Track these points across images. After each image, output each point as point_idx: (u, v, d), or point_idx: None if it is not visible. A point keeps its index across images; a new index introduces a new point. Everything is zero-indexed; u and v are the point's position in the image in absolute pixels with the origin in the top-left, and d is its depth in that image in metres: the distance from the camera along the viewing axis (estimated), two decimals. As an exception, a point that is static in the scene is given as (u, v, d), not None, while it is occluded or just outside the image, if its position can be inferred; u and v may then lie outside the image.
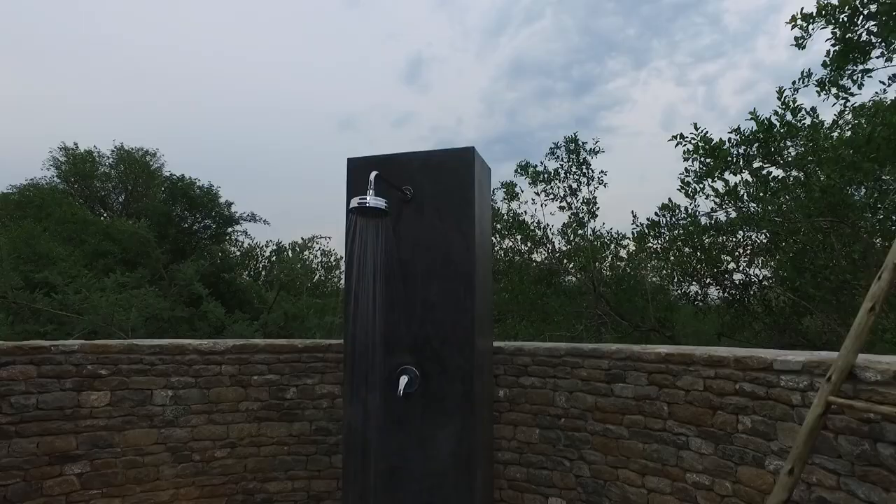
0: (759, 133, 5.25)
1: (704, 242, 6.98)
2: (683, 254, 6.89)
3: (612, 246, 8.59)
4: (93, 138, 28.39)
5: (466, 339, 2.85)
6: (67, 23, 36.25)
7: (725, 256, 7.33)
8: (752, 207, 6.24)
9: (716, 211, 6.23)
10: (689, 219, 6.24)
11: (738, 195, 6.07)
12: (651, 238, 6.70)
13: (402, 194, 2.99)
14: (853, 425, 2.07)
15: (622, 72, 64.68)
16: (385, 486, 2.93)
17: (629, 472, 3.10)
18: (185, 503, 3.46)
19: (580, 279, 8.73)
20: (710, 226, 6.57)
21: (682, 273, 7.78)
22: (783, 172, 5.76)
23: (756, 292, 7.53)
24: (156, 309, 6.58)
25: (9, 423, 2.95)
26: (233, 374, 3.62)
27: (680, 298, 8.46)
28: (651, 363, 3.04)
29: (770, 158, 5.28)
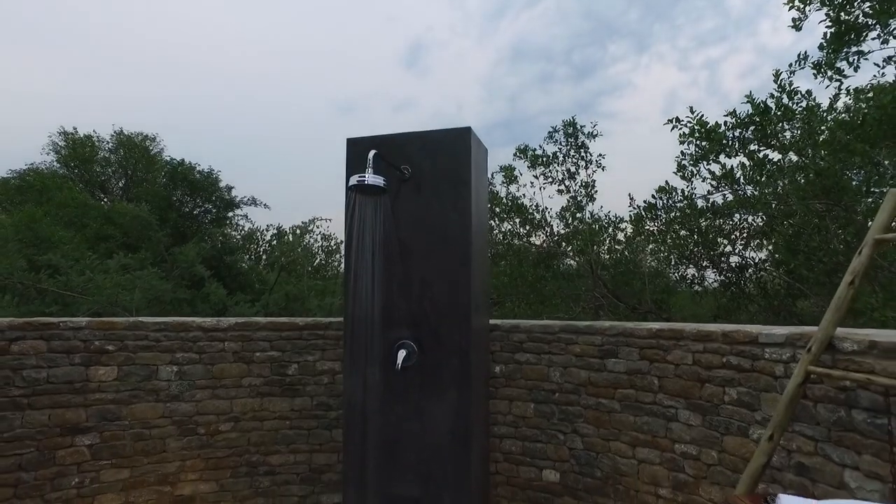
0: (755, 116, 5.29)
1: (701, 225, 7.05)
2: (680, 237, 6.95)
3: (610, 229, 8.66)
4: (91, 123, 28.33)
5: (463, 314, 2.93)
6: (63, 6, 35.93)
7: (722, 239, 7.40)
8: (749, 190, 6.30)
9: (712, 194, 6.28)
10: (685, 201, 6.30)
11: (735, 178, 6.12)
12: (648, 220, 6.76)
13: (401, 174, 3.05)
14: (831, 394, 2.16)
15: (624, 56, 64.17)
16: (384, 458, 3.04)
17: (620, 444, 3.21)
18: (190, 474, 3.57)
19: (578, 262, 8.80)
20: (707, 209, 6.63)
21: (679, 256, 7.86)
22: (780, 155, 5.82)
23: (752, 275, 7.62)
24: (158, 290, 6.67)
25: (22, 395, 3.05)
26: (236, 351, 3.71)
27: (678, 282, 8.55)
28: (642, 339, 3.13)
29: (765, 142, 5.32)
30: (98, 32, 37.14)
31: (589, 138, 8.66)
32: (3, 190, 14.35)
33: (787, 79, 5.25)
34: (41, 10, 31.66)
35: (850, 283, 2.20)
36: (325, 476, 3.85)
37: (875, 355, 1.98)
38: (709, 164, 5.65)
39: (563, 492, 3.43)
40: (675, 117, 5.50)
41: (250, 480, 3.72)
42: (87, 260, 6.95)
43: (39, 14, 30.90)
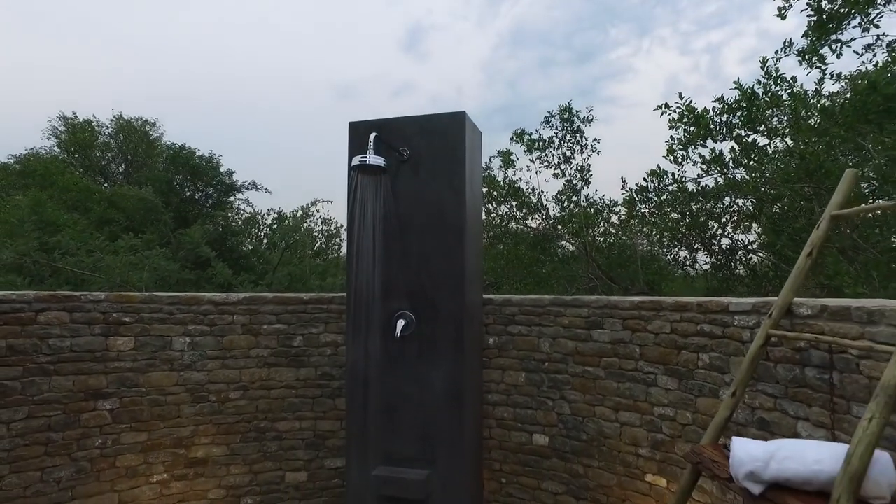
0: (742, 102, 5.47)
1: (692, 208, 7.25)
2: (671, 219, 7.16)
3: (604, 212, 8.86)
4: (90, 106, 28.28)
5: (457, 286, 3.15)
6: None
7: (713, 222, 7.61)
8: (739, 174, 6.50)
9: (702, 177, 6.48)
10: (675, 185, 6.49)
11: (724, 162, 6.31)
12: (639, 203, 6.96)
13: (400, 155, 3.25)
14: (788, 355, 2.38)
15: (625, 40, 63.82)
16: (384, 419, 3.28)
17: (604, 409, 3.45)
18: (203, 439, 3.82)
19: (573, 244, 9.02)
20: (697, 192, 6.82)
21: (671, 238, 8.07)
22: (767, 140, 6.01)
23: (741, 257, 7.85)
24: (165, 271, 6.89)
25: (48, 362, 3.28)
26: (244, 324, 3.94)
27: (670, 264, 8.77)
28: (626, 310, 3.36)
29: (752, 127, 5.51)
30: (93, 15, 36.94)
31: (584, 123, 8.82)
32: (4, 175, 14.48)
33: (774, 65, 5.43)
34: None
35: (808, 255, 2.42)
36: (328, 442, 4.10)
37: (825, 318, 2.20)
38: (695, 148, 5.83)
39: (552, 454, 3.68)
40: (665, 103, 5.68)
41: (259, 445, 3.97)
42: (97, 241, 7.16)
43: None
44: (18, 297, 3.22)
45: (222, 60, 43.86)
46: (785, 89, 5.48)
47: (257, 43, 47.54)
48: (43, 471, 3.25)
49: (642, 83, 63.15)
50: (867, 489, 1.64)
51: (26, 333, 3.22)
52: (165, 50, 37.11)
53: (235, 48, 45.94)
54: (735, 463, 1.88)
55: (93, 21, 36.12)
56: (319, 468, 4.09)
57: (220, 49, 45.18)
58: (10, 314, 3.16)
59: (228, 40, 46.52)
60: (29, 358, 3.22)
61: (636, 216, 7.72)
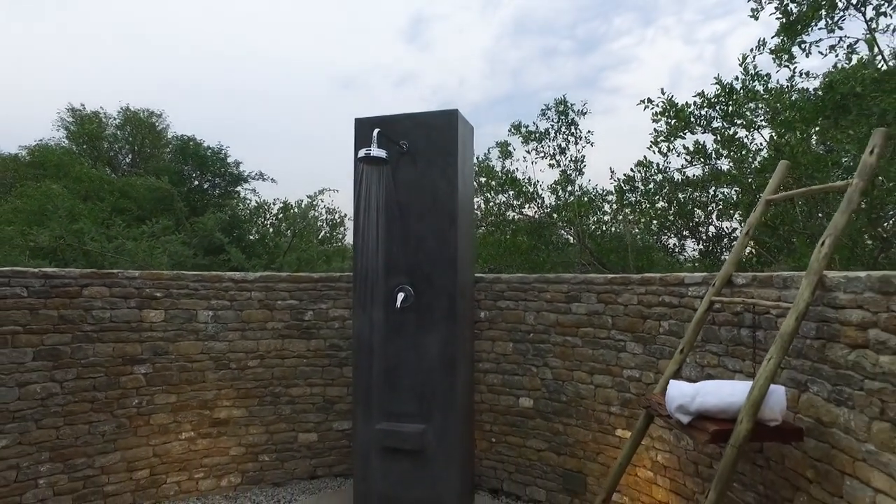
0: (721, 97, 5.86)
1: (679, 197, 7.65)
2: (657, 208, 7.56)
3: (598, 201, 9.26)
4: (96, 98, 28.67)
5: (451, 263, 3.59)
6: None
7: (699, 211, 8.02)
8: (723, 164, 6.89)
9: (685, 167, 6.87)
10: (659, 175, 6.89)
11: (707, 153, 6.71)
12: (627, 192, 7.37)
13: (400, 148, 3.68)
14: (728, 318, 2.82)
15: (629, 30, 63.72)
16: (386, 381, 3.73)
17: (581, 373, 3.89)
18: (225, 401, 4.28)
19: (567, 232, 9.44)
20: (683, 181, 7.22)
21: (660, 226, 8.48)
22: (746, 132, 6.40)
23: (727, 244, 8.26)
24: (182, 256, 7.34)
25: (92, 330, 3.74)
26: (260, 300, 4.39)
27: (659, 251, 9.19)
28: (600, 285, 3.79)
29: (730, 120, 5.90)
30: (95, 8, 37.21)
31: (579, 116, 9.21)
32: (16, 166, 14.92)
33: (752, 62, 5.81)
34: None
35: (745, 234, 2.84)
36: (336, 406, 4.56)
37: (755, 286, 2.63)
38: (673, 140, 6.23)
39: (536, 415, 4.13)
40: (648, 98, 6.08)
41: (274, 408, 4.43)
42: (119, 228, 7.62)
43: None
44: (66, 274, 3.67)
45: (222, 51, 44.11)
46: (762, 84, 5.87)
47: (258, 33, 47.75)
48: (90, 424, 3.72)
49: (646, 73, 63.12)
50: (763, 414, 2.08)
51: (73, 305, 3.67)
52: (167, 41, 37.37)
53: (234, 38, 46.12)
54: (669, 399, 2.32)
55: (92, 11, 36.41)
56: (328, 430, 4.55)
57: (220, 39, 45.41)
58: (60, 288, 3.61)
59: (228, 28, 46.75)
60: (76, 326, 3.68)
61: (626, 205, 8.13)
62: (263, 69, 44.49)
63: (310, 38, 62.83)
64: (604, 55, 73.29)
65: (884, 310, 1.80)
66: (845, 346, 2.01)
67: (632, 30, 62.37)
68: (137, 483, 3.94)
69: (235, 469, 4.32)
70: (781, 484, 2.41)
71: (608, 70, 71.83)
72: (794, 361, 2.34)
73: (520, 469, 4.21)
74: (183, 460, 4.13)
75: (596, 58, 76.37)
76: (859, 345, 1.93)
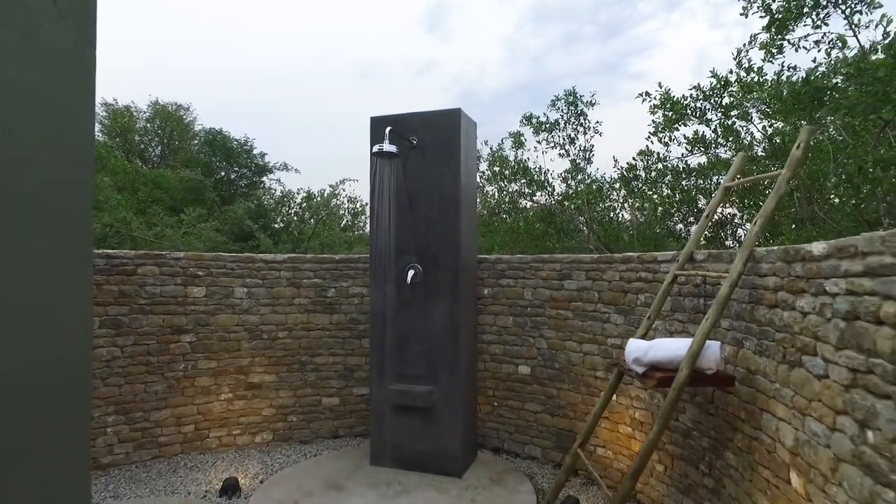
0: (716, 89, 6.20)
1: (683, 185, 8.00)
2: (661, 195, 7.93)
3: (605, 188, 9.63)
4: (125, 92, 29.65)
5: (454, 244, 4.08)
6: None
7: (703, 197, 8.35)
8: (722, 152, 7.22)
9: (686, 156, 7.22)
10: (660, 163, 7.26)
11: (706, 142, 7.05)
12: (630, 180, 7.74)
13: (409, 143, 4.16)
14: (691, 289, 3.26)
15: (653, 14, 62.73)
16: (398, 348, 4.25)
17: (572, 343, 4.36)
18: (258, 368, 4.86)
19: (575, 218, 9.84)
20: (684, 169, 7.57)
21: (665, 213, 8.84)
22: (744, 123, 6.73)
23: (730, 229, 8.59)
24: (215, 242, 7.97)
25: (145, 304, 4.33)
26: (288, 278, 4.94)
27: (666, 236, 9.54)
28: (588, 264, 4.24)
29: (725, 112, 6.25)
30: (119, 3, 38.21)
31: (587, 107, 9.57)
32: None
33: (746, 56, 6.14)
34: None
35: (706, 217, 3.27)
36: (355, 374, 5.11)
37: (710, 261, 3.07)
38: (669, 132, 6.58)
39: (533, 381, 4.62)
40: (646, 91, 6.44)
41: (301, 375, 5.00)
42: (158, 217, 8.29)
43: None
44: (124, 255, 4.27)
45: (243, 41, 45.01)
46: (756, 77, 6.19)
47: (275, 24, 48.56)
48: (146, 384, 4.34)
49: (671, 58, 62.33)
50: (701, 364, 2.54)
51: (130, 282, 4.27)
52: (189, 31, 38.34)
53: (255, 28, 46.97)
54: (627, 354, 2.79)
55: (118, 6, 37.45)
56: (349, 395, 5.11)
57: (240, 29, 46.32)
58: (120, 267, 4.20)
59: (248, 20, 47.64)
60: (133, 300, 4.27)
61: (633, 192, 8.51)
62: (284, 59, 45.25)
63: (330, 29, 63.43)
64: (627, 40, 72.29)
65: (786, 275, 2.24)
66: (766, 307, 2.45)
67: (656, 13, 61.45)
68: (185, 436, 4.55)
69: (268, 427, 4.91)
70: (725, 427, 2.87)
71: (632, 56, 70.91)
72: (735, 323, 2.78)
73: (519, 430, 4.71)
74: (223, 418, 4.73)
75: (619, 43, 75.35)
76: (774, 305, 2.37)
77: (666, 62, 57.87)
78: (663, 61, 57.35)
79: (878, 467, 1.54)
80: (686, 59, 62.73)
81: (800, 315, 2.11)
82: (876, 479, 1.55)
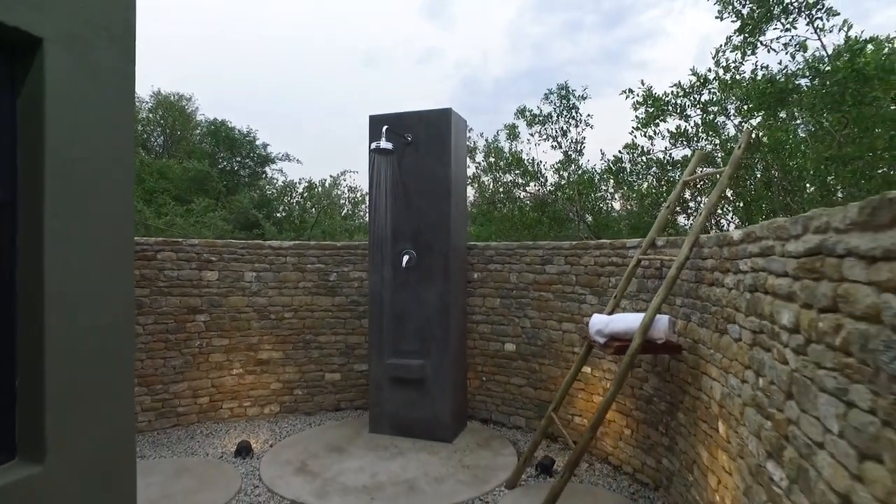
0: (696, 86, 6.58)
1: (669, 176, 8.39)
2: (647, 187, 8.32)
3: (595, 179, 10.02)
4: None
5: (445, 230, 4.49)
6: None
7: (687, 189, 8.74)
8: (704, 146, 7.60)
9: (669, 150, 7.61)
10: (644, 156, 7.65)
11: (689, 136, 7.44)
12: (616, 172, 8.13)
13: (405, 139, 4.56)
14: (653, 272, 3.68)
15: (656, 2, 62.52)
16: (394, 326, 4.68)
17: (552, 321, 4.79)
18: (266, 345, 5.29)
19: (567, 208, 10.24)
20: (667, 162, 7.96)
21: (652, 203, 9.23)
22: (725, 118, 7.11)
23: (713, 219, 8.99)
24: (222, 230, 8.37)
25: (164, 286, 4.76)
26: (294, 263, 5.36)
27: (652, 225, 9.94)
28: (567, 250, 4.66)
29: (704, 108, 6.63)
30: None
31: (579, 101, 9.93)
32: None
33: (723, 55, 6.51)
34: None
35: (666, 207, 3.68)
36: (356, 351, 5.55)
37: (668, 247, 3.49)
38: (650, 127, 6.96)
39: (518, 357, 5.05)
40: (629, 88, 6.81)
41: (305, 352, 5.43)
42: (169, 206, 8.70)
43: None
44: (145, 241, 4.68)
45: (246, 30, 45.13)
46: (732, 76, 6.57)
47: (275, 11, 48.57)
48: (165, 359, 4.77)
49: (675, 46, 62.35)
50: (652, 334, 2.97)
51: (150, 266, 4.69)
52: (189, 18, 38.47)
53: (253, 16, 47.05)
54: (591, 326, 3.22)
55: None
56: (350, 371, 5.55)
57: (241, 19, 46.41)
58: (140, 252, 4.62)
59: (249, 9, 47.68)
60: (153, 283, 4.70)
61: (620, 184, 8.90)
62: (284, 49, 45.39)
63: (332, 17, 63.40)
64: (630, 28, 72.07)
65: (719, 257, 2.66)
66: (706, 285, 2.87)
67: (659, 2, 61.23)
68: (200, 407, 5.00)
69: (275, 400, 5.35)
70: (677, 391, 3.30)
71: (635, 43, 70.81)
72: (685, 300, 3.20)
73: (505, 402, 5.15)
74: (234, 391, 5.17)
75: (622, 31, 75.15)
76: (711, 283, 2.79)
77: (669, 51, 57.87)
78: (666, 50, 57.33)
79: (763, 404, 1.96)
80: (689, 47, 62.62)
81: (726, 290, 2.53)
82: (763, 413, 1.97)
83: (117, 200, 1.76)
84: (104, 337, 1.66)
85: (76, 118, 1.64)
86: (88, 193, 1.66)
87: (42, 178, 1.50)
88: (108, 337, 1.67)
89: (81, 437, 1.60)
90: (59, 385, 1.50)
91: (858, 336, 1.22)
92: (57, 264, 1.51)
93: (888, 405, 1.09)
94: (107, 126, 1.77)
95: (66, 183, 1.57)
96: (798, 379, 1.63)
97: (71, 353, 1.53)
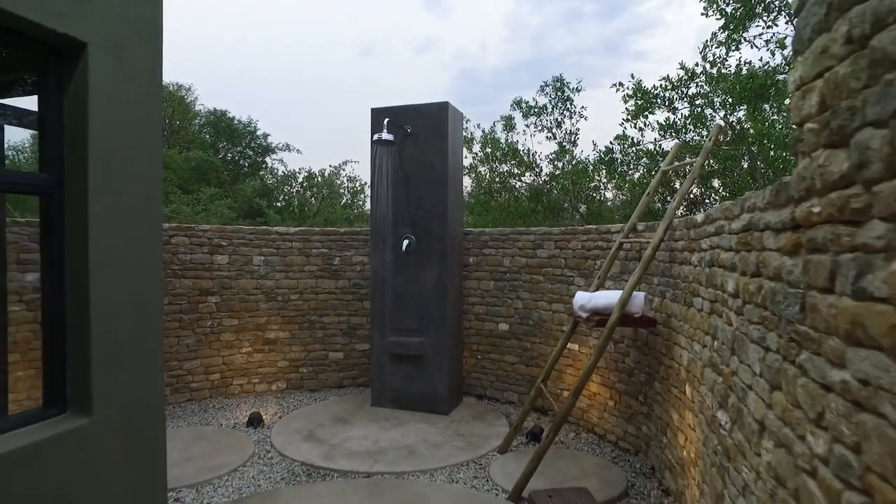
0: (683, 80, 6.86)
1: (658, 167, 8.68)
2: (638, 176, 8.61)
3: (588, 170, 10.31)
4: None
5: (442, 216, 4.80)
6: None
7: (678, 179, 9.04)
8: (693, 137, 7.90)
9: (659, 141, 7.90)
10: (633, 147, 7.94)
11: (677, 128, 7.72)
12: (607, 163, 8.42)
13: (405, 131, 4.84)
14: (634, 255, 3.99)
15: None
16: (395, 306, 4.99)
17: (543, 303, 5.10)
18: (273, 326, 5.60)
19: (562, 197, 10.54)
20: (658, 152, 8.25)
21: (643, 192, 9.53)
22: (712, 111, 7.39)
23: (705, 207, 9.30)
24: (227, 218, 8.66)
25: (178, 269, 5.06)
26: (300, 248, 5.66)
27: (646, 214, 10.24)
28: (557, 235, 4.96)
29: (691, 101, 6.91)
30: (125, -20, 38.11)
31: (573, 93, 10.20)
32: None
33: (710, 51, 6.78)
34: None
35: (646, 194, 3.99)
36: (358, 332, 5.86)
37: (647, 230, 3.79)
38: (640, 119, 7.25)
39: (510, 336, 5.37)
40: (619, 81, 7.10)
41: (310, 332, 5.75)
42: (176, 194, 8.98)
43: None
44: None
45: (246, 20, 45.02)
46: (719, 70, 6.84)
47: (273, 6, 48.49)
48: (179, 338, 5.08)
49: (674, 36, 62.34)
50: (629, 308, 3.28)
51: (165, 250, 4.98)
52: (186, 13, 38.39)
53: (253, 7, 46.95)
54: (574, 301, 3.53)
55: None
56: (352, 350, 5.87)
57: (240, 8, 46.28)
58: (156, 236, 4.91)
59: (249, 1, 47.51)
60: (167, 266, 4.99)
61: (612, 174, 9.19)
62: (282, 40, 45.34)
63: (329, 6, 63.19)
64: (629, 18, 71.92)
65: (687, 238, 2.96)
66: (677, 264, 3.18)
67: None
68: (212, 383, 5.31)
69: (282, 377, 5.67)
70: (654, 363, 3.62)
71: (634, 34, 70.69)
72: (661, 279, 3.52)
73: (499, 379, 5.48)
74: (244, 369, 5.49)
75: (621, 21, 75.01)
76: (682, 262, 3.10)
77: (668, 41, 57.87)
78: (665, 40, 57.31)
79: (717, 363, 2.28)
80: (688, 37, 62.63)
81: (692, 267, 2.84)
82: (716, 371, 2.29)
83: (149, 186, 2.05)
84: (139, 309, 1.95)
85: (114, 114, 1.92)
86: (124, 180, 1.95)
87: (86, 167, 1.78)
88: (141, 310, 1.97)
89: (121, 396, 1.90)
90: (102, 351, 1.80)
91: (770, 292, 1.53)
92: (99, 242, 1.79)
93: (785, 343, 1.39)
94: (139, 120, 2.05)
95: (105, 171, 1.86)
96: (738, 336, 1.95)
97: (111, 323, 1.82)
